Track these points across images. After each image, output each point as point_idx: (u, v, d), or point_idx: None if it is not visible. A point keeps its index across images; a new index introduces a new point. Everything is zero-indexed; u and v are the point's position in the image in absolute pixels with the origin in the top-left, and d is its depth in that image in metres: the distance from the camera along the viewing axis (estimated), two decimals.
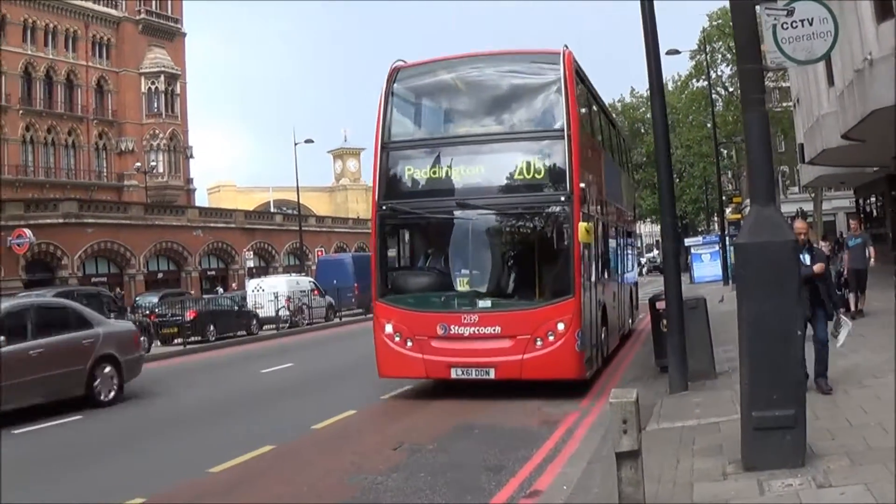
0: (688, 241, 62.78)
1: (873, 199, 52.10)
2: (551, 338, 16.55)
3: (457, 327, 17.06)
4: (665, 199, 17.34)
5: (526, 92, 18.86)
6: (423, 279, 18.73)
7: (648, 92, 19.70)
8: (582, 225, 16.41)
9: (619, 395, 7.78)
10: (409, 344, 17.43)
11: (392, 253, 19.15)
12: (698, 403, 13.97)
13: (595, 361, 18.51)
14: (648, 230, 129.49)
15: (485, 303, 17.14)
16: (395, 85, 18.56)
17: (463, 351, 17.13)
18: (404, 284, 18.64)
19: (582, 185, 17.00)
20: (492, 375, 16.93)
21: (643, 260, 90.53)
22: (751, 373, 9.31)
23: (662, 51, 45.78)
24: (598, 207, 20.46)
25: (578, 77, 18.66)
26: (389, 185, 18.29)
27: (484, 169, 18.00)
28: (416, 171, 18.33)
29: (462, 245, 17.97)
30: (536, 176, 17.46)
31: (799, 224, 14.47)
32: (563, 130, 17.03)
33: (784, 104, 68.74)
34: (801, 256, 12.98)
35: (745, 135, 10.35)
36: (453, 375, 17.23)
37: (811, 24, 10.45)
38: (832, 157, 36.66)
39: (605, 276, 21.81)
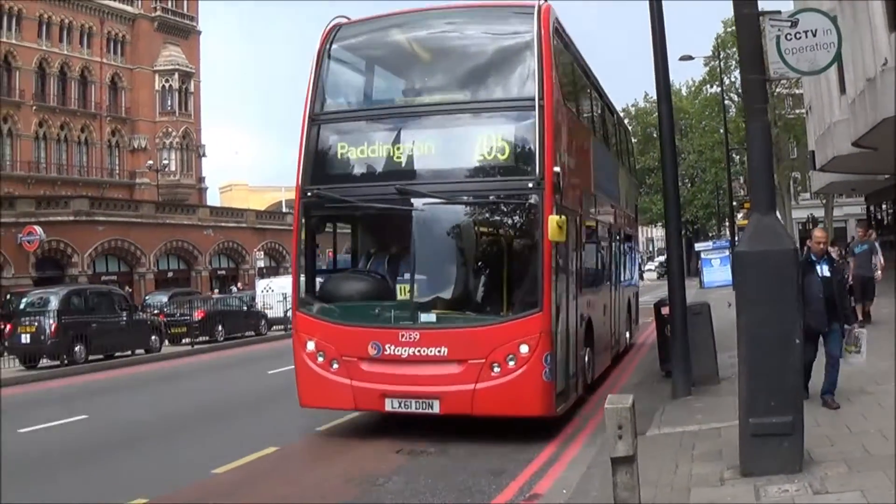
0: (698, 246, 62.96)
1: (885, 207, 52.07)
2: (511, 363, 13.32)
3: (393, 347, 13.78)
4: (670, 206, 16.98)
5: (490, 52, 15.55)
6: (354, 285, 15.51)
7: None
8: (553, 219, 13.08)
9: (614, 401, 7.85)
10: (335, 366, 14.25)
11: (318, 251, 16.32)
12: (700, 409, 14.03)
13: (573, 391, 15.42)
14: (661, 234, 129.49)
15: (428, 316, 13.86)
16: (332, 45, 15.50)
17: (400, 377, 13.84)
18: (331, 291, 15.47)
19: (556, 169, 13.73)
20: (436, 409, 13.66)
21: (654, 264, 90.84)
22: (749, 380, 9.43)
23: (676, 55, 45.53)
24: (583, 201, 17.15)
25: (558, 37, 15.56)
26: (318, 166, 15.07)
27: (434, 147, 14.78)
28: (350, 148, 14.98)
29: (403, 243, 14.59)
30: (499, 156, 14.16)
31: (818, 233, 13.69)
32: (533, 100, 13.75)
33: (797, 111, 68.83)
34: (819, 267, 12.80)
35: (748, 144, 10.46)
36: (388, 407, 14.00)
37: (815, 36, 10.54)
38: (843, 165, 36.68)
39: (592, 284, 18.45)
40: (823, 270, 12.80)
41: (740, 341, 9.55)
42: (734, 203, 61.45)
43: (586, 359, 16.68)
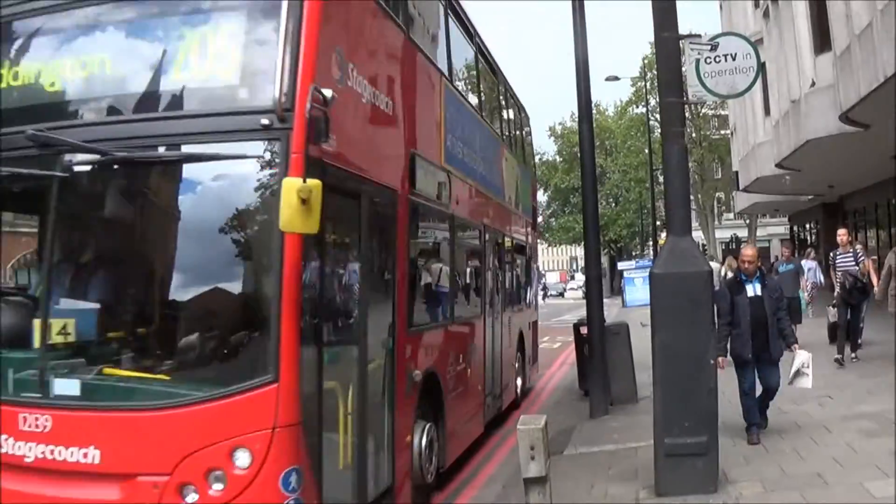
0: (620, 265, 63.16)
1: (808, 227, 52.86)
2: (217, 487, 6.52)
3: (11, 441, 6.95)
4: (589, 227, 16.95)
5: None
6: None
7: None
8: (289, 185, 6.25)
9: (526, 422, 7.82)
10: None
11: None
12: (617, 428, 14.00)
13: None
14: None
15: (67, 386, 6.99)
16: None
17: (23, 497, 6.92)
18: None
19: (325, 93, 6.78)
20: None
21: (579, 283, 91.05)
22: (663, 400, 9.46)
23: (602, 76, 45.94)
24: (416, 172, 10.27)
25: None
26: None
27: (113, 61, 7.57)
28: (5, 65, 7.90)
29: (46, 240, 7.95)
30: (216, 71, 7.33)
31: (748, 251, 12.17)
32: None
33: (722, 131, 69.71)
34: (751, 286, 11.72)
35: (664, 167, 10.50)
36: None
37: (734, 59, 10.60)
38: (767, 185, 37.28)
39: (441, 316, 12.16)
40: (756, 289, 11.68)
41: (655, 362, 9.58)
42: (657, 223, 61.96)
43: (423, 443, 10.20)
